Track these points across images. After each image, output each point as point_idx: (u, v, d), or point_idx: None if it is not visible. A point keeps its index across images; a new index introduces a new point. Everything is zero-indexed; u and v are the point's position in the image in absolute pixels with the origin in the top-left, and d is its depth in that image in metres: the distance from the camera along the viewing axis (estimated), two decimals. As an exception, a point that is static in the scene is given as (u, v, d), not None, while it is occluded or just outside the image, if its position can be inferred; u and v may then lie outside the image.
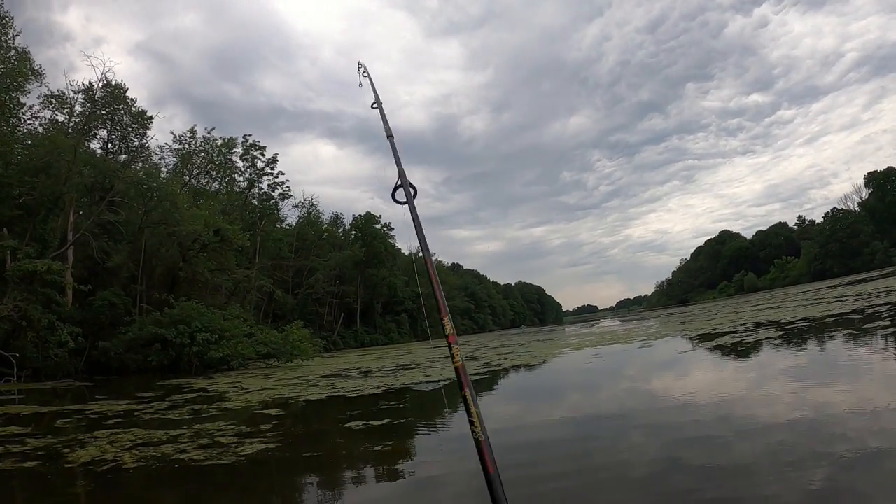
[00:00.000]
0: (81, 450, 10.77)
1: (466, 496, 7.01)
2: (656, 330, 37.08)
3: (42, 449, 11.19)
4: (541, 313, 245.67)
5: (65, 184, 37.37)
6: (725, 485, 5.77)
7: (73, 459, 10.02)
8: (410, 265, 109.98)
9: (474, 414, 2.80)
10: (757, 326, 25.78)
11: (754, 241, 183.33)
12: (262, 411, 15.85)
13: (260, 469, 9.08)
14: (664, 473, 6.73)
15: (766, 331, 22.84)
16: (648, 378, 16.10)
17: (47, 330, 31.58)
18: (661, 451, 7.79)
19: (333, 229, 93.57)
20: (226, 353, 36.42)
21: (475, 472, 7.53)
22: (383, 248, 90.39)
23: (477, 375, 21.55)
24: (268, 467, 9.19)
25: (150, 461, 9.68)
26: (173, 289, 44.47)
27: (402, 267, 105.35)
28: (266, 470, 9.07)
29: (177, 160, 59.00)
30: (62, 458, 10.17)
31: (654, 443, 8.48)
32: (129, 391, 23.74)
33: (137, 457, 10.01)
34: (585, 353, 26.74)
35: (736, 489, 5.56)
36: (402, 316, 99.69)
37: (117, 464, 9.59)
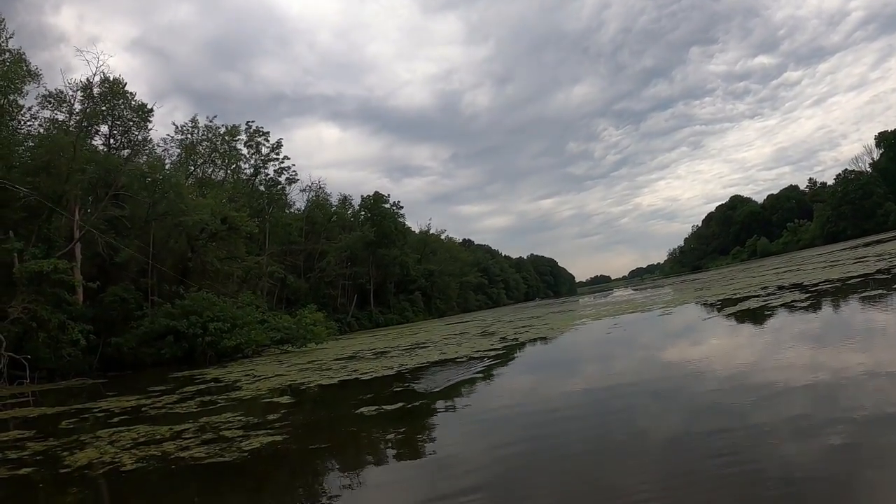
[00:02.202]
0: (80, 452, 10.29)
1: (481, 474, 6.82)
2: (674, 297, 36.50)
3: (41, 453, 10.72)
4: (554, 285, 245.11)
5: (66, 182, 36.97)
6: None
7: (70, 463, 9.53)
8: (422, 243, 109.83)
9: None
10: (779, 290, 25.13)
11: (766, 206, 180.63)
12: (272, 400, 15.38)
13: (262, 466, 8.55)
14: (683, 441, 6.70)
15: (791, 294, 22.16)
16: (673, 346, 15.54)
17: (59, 330, 31.29)
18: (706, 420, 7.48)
19: (342, 211, 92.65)
20: (239, 341, 36.19)
21: (490, 450, 7.33)
22: (393, 227, 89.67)
23: (493, 350, 21.13)
24: (271, 464, 8.66)
25: (149, 462, 9.17)
26: (184, 280, 44.05)
27: (413, 245, 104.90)
28: (269, 467, 8.53)
29: (180, 151, 58.55)
30: (59, 463, 9.67)
31: (685, 410, 8.18)
32: (142, 386, 23.32)
33: (137, 457, 9.50)
34: (604, 323, 26.27)
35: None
36: (416, 294, 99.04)
37: (115, 466, 9.08)
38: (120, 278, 39.89)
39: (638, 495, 5.34)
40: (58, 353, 30.87)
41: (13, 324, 29.16)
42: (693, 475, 5.59)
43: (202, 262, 46.31)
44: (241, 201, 54.66)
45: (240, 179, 66.11)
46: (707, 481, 5.35)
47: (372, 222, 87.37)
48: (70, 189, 37.46)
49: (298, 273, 73.79)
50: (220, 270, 47.73)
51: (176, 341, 35.56)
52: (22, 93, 39.81)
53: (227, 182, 61.97)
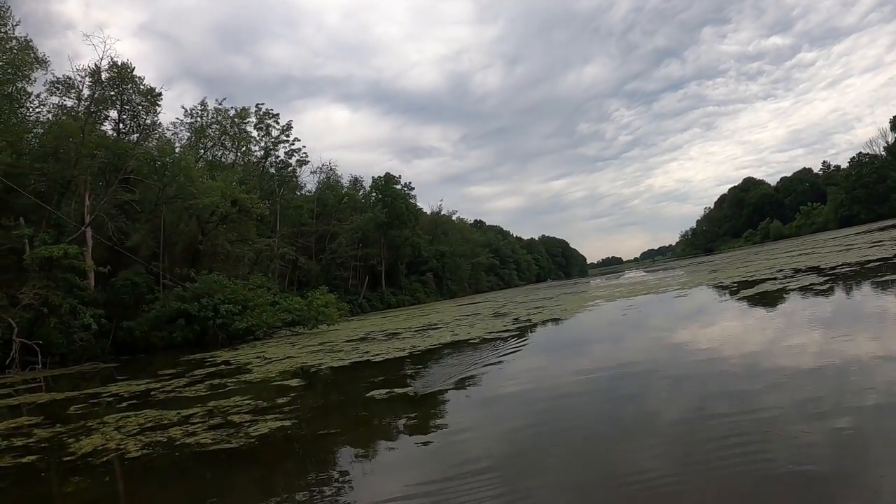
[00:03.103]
0: (86, 439, 10.09)
1: (491, 455, 6.80)
2: (688, 279, 36.01)
3: (46, 440, 10.55)
4: (566, 267, 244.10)
5: (75, 167, 36.93)
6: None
7: (75, 450, 9.33)
8: (434, 224, 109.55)
9: None
10: (795, 273, 24.74)
11: (779, 188, 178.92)
12: (282, 382, 15.15)
13: (270, 453, 8.31)
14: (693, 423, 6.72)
15: (809, 277, 21.74)
16: (687, 329, 15.18)
17: (70, 315, 31.32)
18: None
19: (353, 193, 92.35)
20: (250, 323, 36.14)
21: (501, 432, 7.29)
22: (405, 208, 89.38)
23: (507, 332, 20.86)
24: (278, 450, 8.43)
25: (154, 448, 8.95)
26: (195, 263, 44.05)
27: (424, 226, 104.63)
28: (276, 453, 8.30)
29: (190, 135, 58.41)
30: (64, 450, 9.48)
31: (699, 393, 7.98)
32: (153, 369, 23.23)
33: (142, 443, 9.29)
34: (618, 305, 26.01)
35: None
36: (428, 275, 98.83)
37: (119, 453, 8.88)
38: (131, 262, 39.84)
39: (646, 477, 5.35)
40: (70, 338, 30.89)
41: (25, 310, 29.16)
42: (701, 458, 5.59)
43: (213, 244, 46.27)
44: (251, 184, 54.56)
45: (250, 162, 65.95)
46: (715, 465, 5.35)
47: (383, 203, 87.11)
48: (79, 174, 37.40)
49: (310, 255, 73.77)
50: (231, 253, 47.72)
51: (187, 324, 35.57)
52: (30, 80, 39.95)
53: (237, 165, 61.79)
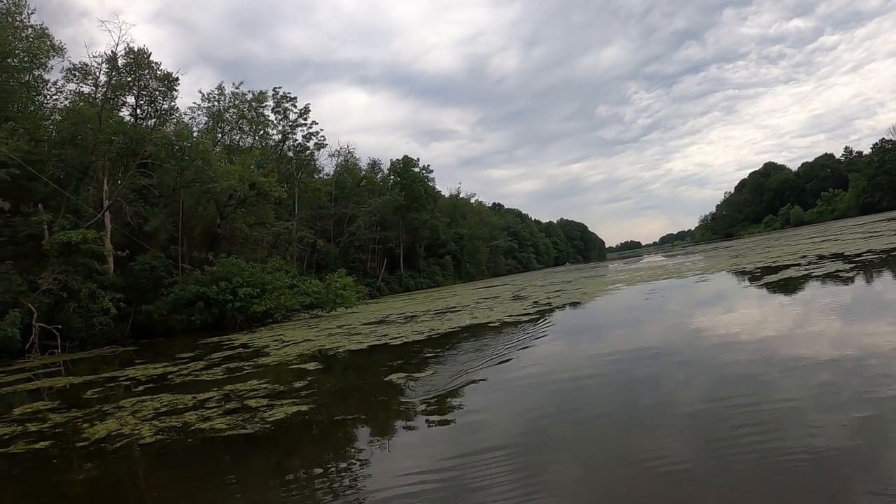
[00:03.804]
0: (101, 424, 9.95)
1: (506, 437, 6.87)
2: (709, 264, 35.42)
3: (61, 426, 10.41)
4: (584, 250, 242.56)
5: (93, 153, 36.92)
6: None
7: (89, 436, 9.18)
8: (452, 207, 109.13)
9: None
10: (819, 259, 24.20)
11: (800, 174, 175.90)
12: (300, 366, 14.95)
13: (284, 438, 8.10)
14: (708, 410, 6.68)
15: (834, 264, 21.19)
16: (710, 314, 14.78)
17: (89, 299, 31.41)
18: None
19: (372, 176, 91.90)
20: (268, 306, 36.02)
21: (517, 415, 7.27)
22: (423, 190, 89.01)
23: (527, 315, 20.57)
24: (293, 436, 8.19)
25: (168, 433, 8.77)
26: (213, 246, 44.01)
27: (443, 209, 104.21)
28: (292, 439, 8.07)
29: (208, 119, 58.41)
30: (77, 436, 9.33)
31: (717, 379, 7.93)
32: (171, 352, 23.19)
33: (156, 429, 9.12)
34: (639, 289, 25.66)
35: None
36: (446, 258, 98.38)
37: (133, 438, 8.72)
38: (150, 246, 39.86)
39: (659, 461, 5.35)
40: (89, 323, 30.99)
41: (44, 295, 29.28)
42: (715, 444, 5.56)
43: (231, 228, 46.23)
44: (269, 167, 54.35)
45: (268, 145, 65.86)
46: (729, 450, 5.33)
47: (401, 186, 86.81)
48: (97, 160, 37.43)
49: (328, 238, 73.76)
50: (250, 236, 47.68)
51: (206, 307, 35.59)
52: (47, 68, 40.03)
53: (255, 148, 61.68)
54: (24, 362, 25.32)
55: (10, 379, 19.31)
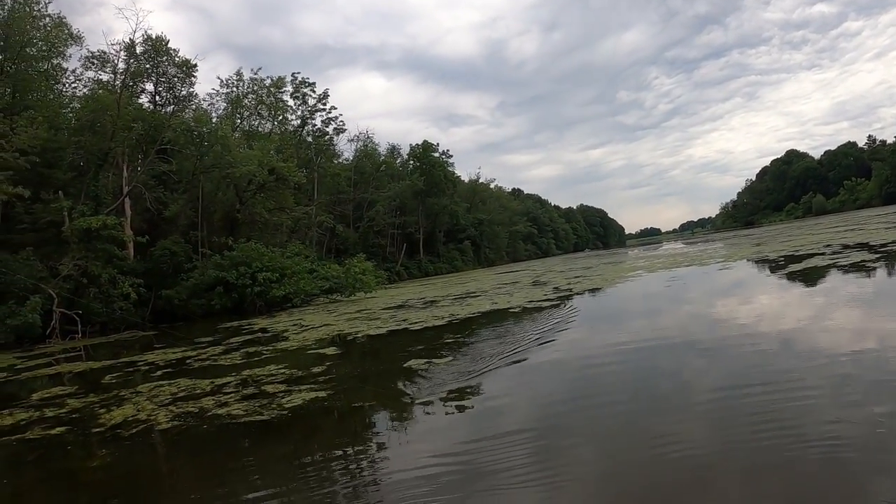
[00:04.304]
0: (117, 409, 9.84)
1: (524, 421, 6.91)
2: (731, 252, 34.85)
3: (78, 411, 10.31)
4: (604, 236, 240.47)
5: (112, 139, 36.94)
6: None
7: (105, 422, 9.06)
8: (471, 192, 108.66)
9: None
10: (844, 249, 23.58)
11: (822, 162, 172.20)
12: (319, 351, 14.83)
13: (301, 426, 7.92)
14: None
15: (859, 253, 20.59)
16: (731, 302, 14.40)
17: (110, 284, 31.51)
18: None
19: (391, 161, 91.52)
20: (288, 290, 36.08)
21: (539, 400, 7.64)
22: (442, 175, 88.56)
23: (547, 301, 20.32)
24: (310, 423, 8.02)
25: (185, 419, 8.63)
26: (233, 231, 44.02)
27: (462, 194, 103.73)
28: (309, 426, 7.90)
29: (226, 105, 58.30)
30: (94, 421, 9.21)
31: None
32: (190, 337, 23.17)
33: (173, 414, 8.99)
34: (660, 276, 25.28)
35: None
36: (465, 243, 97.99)
37: (149, 424, 8.59)
38: (169, 232, 39.94)
39: (676, 448, 5.33)
40: (109, 308, 31.10)
41: (65, 280, 29.37)
42: (732, 433, 5.51)
43: (251, 213, 46.19)
44: (288, 152, 54.25)
45: (287, 131, 65.62)
46: (746, 440, 5.27)
47: (421, 171, 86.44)
48: (116, 146, 37.48)
49: (347, 223, 73.69)
50: (269, 221, 47.65)
51: (226, 292, 35.60)
52: (65, 56, 40.18)
53: (274, 134, 61.53)
54: (44, 347, 25.44)
55: (30, 364, 19.35)
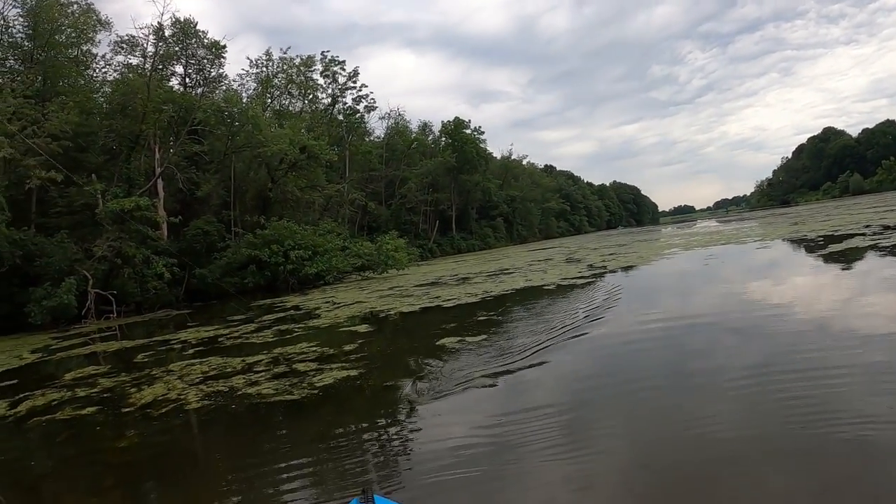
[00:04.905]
0: (148, 388, 9.74)
1: (553, 398, 6.85)
2: (767, 231, 33.91)
3: (109, 390, 10.23)
4: (637, 214, 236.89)
5: (143, 122, 37.07)
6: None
7: (135, 401, 8.96)
8: (504, 169, 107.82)
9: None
10: (885, 230, 22.71)
11: (860, 140, 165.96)
12: (351, 328, 14.68)
13: (331, 405, 7.68)
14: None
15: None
16: (767, 282, 13.86)
17: (144, 265, 31.75)
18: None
19: (423, 138, 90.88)
20: (320, 268, 36.09)
21: (570, 377, 7.58)
22: (475, 152, 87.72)
23: (581, 278, 19.99)
24: (340, 403, 7.76)
25: (215, 399, 8.48)
26: (265, 210, 44.06)
27: (494, 171, 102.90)
28: (339, 406, 7.63)
29: (257, 85, 58.24)
30: (124, 401, 9.12)
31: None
32: (223, 315, 23.18)
33: (203, 393, 8.85)
34: (697, 254, 24.75)
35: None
36: (498, 220, 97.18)
37: (178, 404, 8.44)
38: (202, 212, 40.08)
39: (705, 426, 5.27)
40: (144, 287, 31.34)
41: (99, 262, 29.62)
42: (764, 414, 5.40)
43: (283, 191, 46.17)
44: (319, 130, 54.11)
45: (317, 109, 65.42)
46: (777, 422, 5.17)
47: (453, 148, 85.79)
48: (147, 129, 37.57)
49: (380, 200, 73.51)
50: (301, 199, 47.63)
51: (258, 270, 35.76)
52: (94, 42, 40.28)
53: (304, 113, 61.41)
54: (80, 327, 25.66)
55: (65, 344, 19.46)
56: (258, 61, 58.41)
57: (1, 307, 26.12)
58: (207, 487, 5.60)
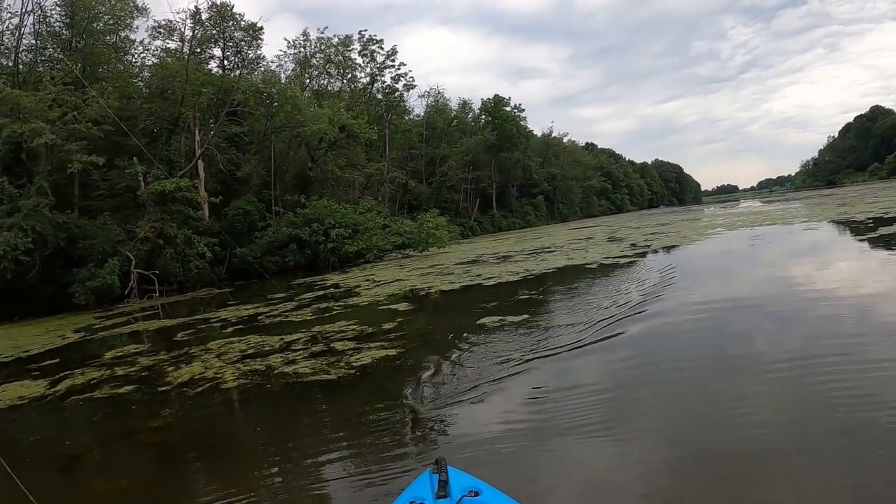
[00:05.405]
0: (185, 367, 9.66)
1: (592, 377, 6.68)
2: (814, 212, 32.71)
3: (147, 369, 10.18)
4: (679, 193, 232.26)
5: (182, 104, 37.36)
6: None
7: (172, 380, 8.87)
8: (544, 146, 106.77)
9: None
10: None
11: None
12: (390, 306, 14.44)
13: (367, 386, 7.48)
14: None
15: None
16: (813, 264, 13.22)
17: (185, 245, 32.11)
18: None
19: (462, 115, 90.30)
20: (360, 246, 36.09)
21: (611, 356, 7.37)
22: (515, 130, 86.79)
23: (624, 258, 19.57)
24: (378, 383, 7.47)
25: (251, 378, 8.34)
26: (305, 189, 44.17)
27: (535, 149, 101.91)
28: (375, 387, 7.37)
29: (295, 65, 58.40)
30: (161, 380, 9.04)
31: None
32: (264, 293, 23.22)
33: (240, 372, 8.72)
34: (741, 234, 24.05)
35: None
36: (538, 198, 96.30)
37: (215, 383, 8.32)
38: (243, 192, 40.35)
39: (745, 415, 5.07)
40: (186, 267, 31.65)
41: (142, 242, 30.00)
42: (805, 400, 5.27)
43: (322, 170, 46.21)
44: (358, 109, 54.01)
45: (356, 89, 65.35)
46: (818, 407, 5.05)
47: (493, 126, 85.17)
48: (187, 111, 37.84)
49: (420, 178, 73.39)
50: (341, 178, 47.61)
51: (299, 248, 35.90)
52: (132, 28, 40.65)
53: (343, 92, 61.38)
54: (123, 307, 26.00)
55: (108, 323, 19.61)
56: (296, 42, 58.65)
57: (46, 288, 26.56)
58: (240, 467, 5.46)
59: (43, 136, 26.28)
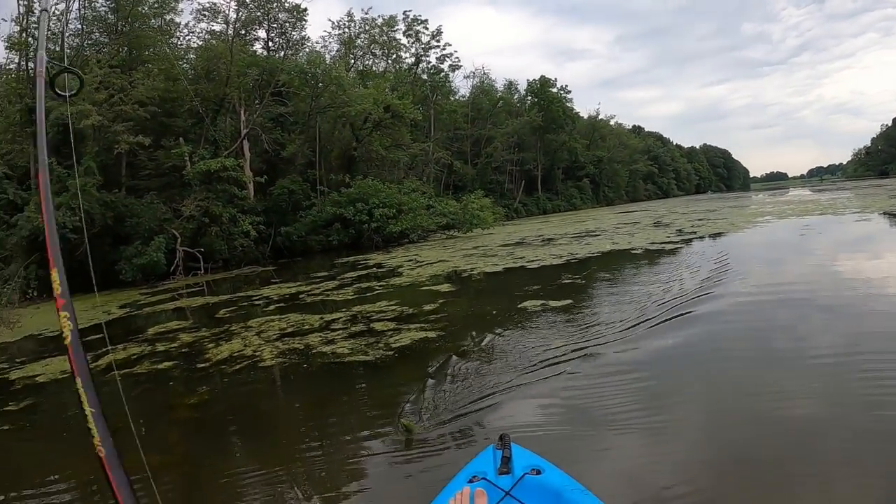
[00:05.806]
0: (225, 344, 9.64)
1: (634, 364, 6.53)
2: (866, 202, 31.40)
3: (188, 345, 10.19)
4: (727, 179, 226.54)
5: (227, 85, 37.66)
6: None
7: (211, 357, 8.85)
8: (591, 129, 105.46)
9: (90, 421, 1.38)
10: None
11: None
12: (432, 287, 14.29)
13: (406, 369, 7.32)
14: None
15: None
16: (864, 257, 12.68)
17: (230, 223, 32.48)
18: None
19: (508, 97, 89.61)
20: (404, 226, 36.18)
21: (651, 345, 7.14)
22: (561, 111, 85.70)
23: (670, 244, 19.11)
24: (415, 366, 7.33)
25: (289, 357, 8.28)
26: (350, 169, 44.30)
27: (581, 131, 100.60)
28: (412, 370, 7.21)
29: (339, 46, 58.55)
30: (200, 357, 9.02)
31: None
32: (307, 272, 23.33)
33: (278, 350, 8.67)
34: (791, 223, 23.23)
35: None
36: (584, 181, 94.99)
37: (253, 360, 8.28)
38: (287, 171, 40.60)
39: (787, 407, 4.95)
40: (231, 245, 32.03)
41: (188, 221, 30.44)
42: (845, 394, 5.12)
43: (367, 150, 46.29)
44: (403, 90, 53.91)
45: (401, 69, 65.24)
46: (859, 402, 4.87)
47: (539, 107, 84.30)
48: (232, 92, 38.16)
49: (465, 159, 73.11)
50: (386, 158, 47.61)
51: (343, 228, 36.20)
52: (177, 11, 40.96)
53: (388, 72, 61.31)
54: (168, 284, 26.39)
55: (153, 300, 19.85)
56: (340, 23, 58.72)
57: (94, 265, 26.96)
58: (278, 444, 5.46)
59: (90, 117, 26.63)
